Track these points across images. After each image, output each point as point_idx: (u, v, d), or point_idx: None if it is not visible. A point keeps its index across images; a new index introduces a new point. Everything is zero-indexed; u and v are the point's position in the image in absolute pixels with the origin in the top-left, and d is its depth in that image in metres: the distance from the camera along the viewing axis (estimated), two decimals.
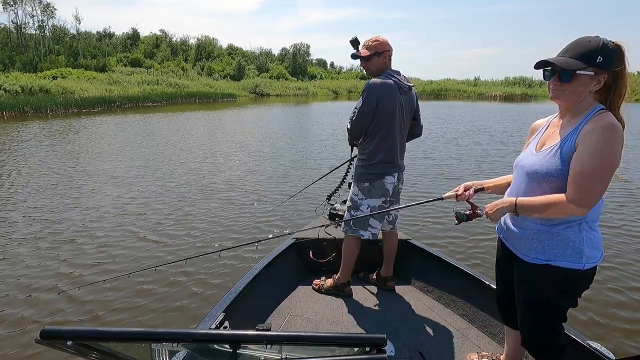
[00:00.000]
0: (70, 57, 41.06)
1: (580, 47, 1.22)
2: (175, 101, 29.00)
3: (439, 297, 2.42)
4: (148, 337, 0.76)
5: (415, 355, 1.93)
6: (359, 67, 65.18)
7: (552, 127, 1.38)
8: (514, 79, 49.26)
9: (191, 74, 41.58)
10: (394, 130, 2.19)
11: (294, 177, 6.95)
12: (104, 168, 7.48)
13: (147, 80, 33.64)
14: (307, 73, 54.75)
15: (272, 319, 2.21)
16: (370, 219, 2.29)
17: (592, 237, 1.29)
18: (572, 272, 1.29)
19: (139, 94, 27.29)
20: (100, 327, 0.72)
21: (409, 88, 2.23)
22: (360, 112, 2.18)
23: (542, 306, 1.38)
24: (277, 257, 2.50)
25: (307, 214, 4.96)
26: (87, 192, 5.88)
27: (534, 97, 40.59)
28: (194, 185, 6.36)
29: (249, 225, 4.61)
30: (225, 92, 35.32)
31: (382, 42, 2.16)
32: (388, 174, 2.23)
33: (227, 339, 0.78)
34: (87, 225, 4.58)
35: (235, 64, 47.62)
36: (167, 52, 49.26)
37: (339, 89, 46.14)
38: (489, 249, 3.90)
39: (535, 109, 25.62)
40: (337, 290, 2.47)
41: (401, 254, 2.60)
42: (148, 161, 8.15)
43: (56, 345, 0.71)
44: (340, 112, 21.58)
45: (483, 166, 7.97)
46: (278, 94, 40.34)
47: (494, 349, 1.97)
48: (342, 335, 0.77)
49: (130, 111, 21.07)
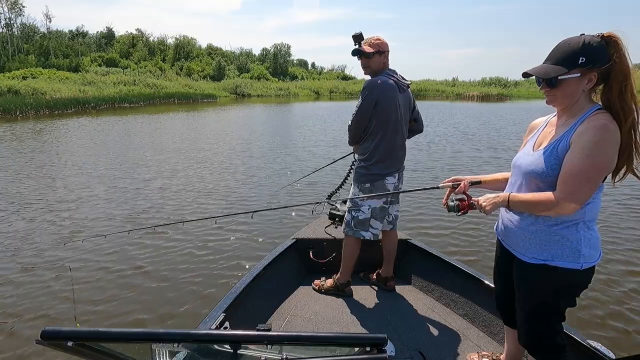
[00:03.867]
0: (41, 57, 39.40)
1: (560, 51, 1.22)
2: (153, 102, 28.29)
3: (439, 297, 2.42)
4: (149, 337, 0.76)
5: (416, 355, 1.93)
6: (339, 68, 65.45)
7: (549, 126, 1.38)
8: (490, 80, 50.52)
9: (170, 74, 40.62)
10: (393, 129, 2.20)
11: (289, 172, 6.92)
12: (79, 172, 7.24)
13: (123, 80, 32.64)
14: (289, 73, 54.47)
15: (272, 319, 2.21)
16: (372, 219, 2.29)
17: (590, 237, 1.29)
18: (570, 272, 1.29)
19: (115, 94, 26.47)
20: (101, 328, 0.72)
21: (407, 86, 2.25)
22: (360, 111, 2.18)
23: (540, 306, 1.38)
24: (277, 257, 2.49)
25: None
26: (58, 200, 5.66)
27: (509, 97, 41.82)
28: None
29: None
30: (205, 92, 34.70)
31: (384, 42, 2.19)
32: (389, 174, 2.23)
33: (228, 339, 0.77)
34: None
35: (215, 64, 46.89)
36: (144, 52, 48.01)
37: (320, 89, 46.16)
38: (489, 248, 3.94)
39: (510, 107, 26.44)
40: (338, 291, 2.47)
41: (401, 254, 2.61)
42: (124, 166, 7.94)
43: (57, 346, 0.70)
44: (324, 114, 21.57)
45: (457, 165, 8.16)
46: (259, 95, 39.97)
47: (494, 348, 1.98)
48: (342, 335, 0.76)
49: (106, 112, 20.43)
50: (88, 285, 3.26)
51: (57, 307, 2.96)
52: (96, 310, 2.92)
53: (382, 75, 2.17)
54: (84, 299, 3.05)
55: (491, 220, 4.66)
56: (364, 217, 2.29)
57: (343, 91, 46.55)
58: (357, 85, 48.75)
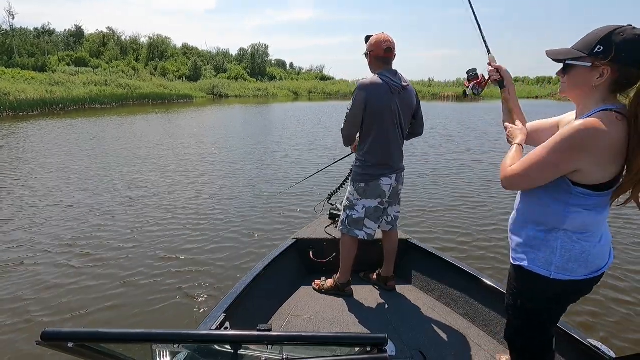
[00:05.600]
0: (4, 56, 37.27)
1: (588, 35, 1.10)
2: (126, 103, 27.35)
3: (440, 297, 2.43)
4: (149, 338, 0.75)
5: (416, 355, 1.92)
6: (318, 68, 65.47)
7: (562, 125, 1.33)
8: (463, 80, 51.80)
9: (143, 74, 39.35)
10: (386, 131, 2.16)
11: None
12: (42, 180, 6.85)
13: (94, 80, 31.35)
14: (267, 74, 53.95)
15: (273, 319, 2.21)
16: (366, 219, 2.28)
17: (572, 249, 1.20)
18: (540, 278, 1.25)
19: (85, 95, 25.36)
20: (102, 329, 0.70)
21: (402, 87, 2.17)
22: (350, 113, 2.16)
23: (516, 307, 1.38)
24: (277, 257, 2.49)
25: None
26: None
27: (482, 97, 43.11)
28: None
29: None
30: (181, 93, 33.83)
31: (378, 41, 2.12)
32: (384, 175, 2.22)
33: (228, 339, 0.78)
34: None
35: (191, 64, 45.84)
36: (116, 51, 46.34)
37: (299, 89, 46.01)
38: (490, 248, 3.98)
39: (484, 107, 27.24)
40: (338, 290, 2.47)
41: (401, 254, 2.61)
42: (96, 172, 7.57)
43: (57, 347, 0.70)
44: (301, 116, 21.48)
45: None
46: (237, 95, 39.41)
47: (494, 347, 1.99)
48: (343, 335, 0.77)
49: (76, 114, 19.55)
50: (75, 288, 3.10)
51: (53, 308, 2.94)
52: (93, 313, 2.92)
53: (376, 75, 2.13)
54: (79, 302, 3.04)
55: (491, 221, 4.77)
56: (357, 216, 2.29)
57: (322, 91, 46.61)
58: (336, 86, 48.97)
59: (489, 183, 6.62)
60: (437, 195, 5.80)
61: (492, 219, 4.89)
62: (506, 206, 5.37)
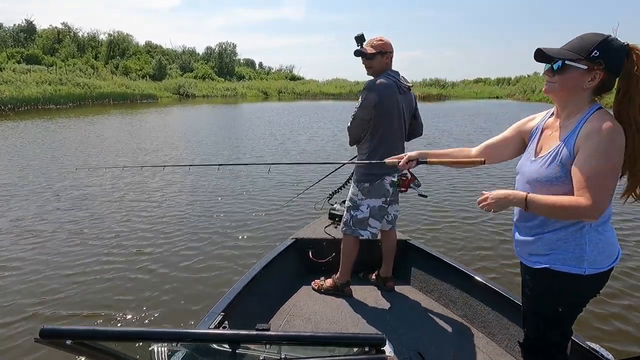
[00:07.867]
0: None
1: (582, 39, 1.17)
2: (84, 103, 25.95)
3: (439, 297, 2.43)
4: (147, 336, 0.76)
5: (415, 356, 1.91)
6: (287, 68, 65.09)
7: (548, 128, 1.33)
8: (430, 81, 53.50)
9: (103, 73, 37.37)
10: (393, 130, 2.20)
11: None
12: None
13: (48, 79, 29.33)
14: (235, 73, 52.96)
15: (271, 319, 2.20)
16: (371, 218, 2.28)
17: (598, 241, 1.22)
18: (572, 277, 1.23)
19: (37, 95, 23.75)
20: (100, 327, 0.64)
21: (408, 88, 2.25)
22: (359, 113, 2.16)
23: (542, 312, 1.34)
24: (276, 257, 2.48)
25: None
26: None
27: (447, 97, 44.61)
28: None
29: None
30: (144, 92, 32.58)
31: (386, 43, 2.17)
32: (388, 174, 2.22)
33: (227, 338, 0.78)
34: None
35: (155, 62, 44.12)
36: (73, 48, 43.73)
37: (268, 89, 45.50)
38: (489, 249, 3.99)
39: (450, 106, 28.18)
40: (337, 290, 2.48)
41: (400, 255, 2.61)
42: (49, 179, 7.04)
43: (55, 345, 0.70)
44: (272, 118, 21.20)
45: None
46: (205, 95, 38.42)
47: (492, 349, 1.98)
48: (341, 336, 0.78)
49: (28, 115, 18.26)
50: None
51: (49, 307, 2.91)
52: (94, 310, 2.90)
53: (382, 76, 2.17)
54: (77, 300, 3.02)
55: (491, 221, 4.75)
56: (362, 216, 2.29)
57: (292, 91, 46.35)
58: (306, 86, 48.88)
59: (479, 180, 6.65)
60: (436, 195, 5.66)
61: (493, 219, 4.81)
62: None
